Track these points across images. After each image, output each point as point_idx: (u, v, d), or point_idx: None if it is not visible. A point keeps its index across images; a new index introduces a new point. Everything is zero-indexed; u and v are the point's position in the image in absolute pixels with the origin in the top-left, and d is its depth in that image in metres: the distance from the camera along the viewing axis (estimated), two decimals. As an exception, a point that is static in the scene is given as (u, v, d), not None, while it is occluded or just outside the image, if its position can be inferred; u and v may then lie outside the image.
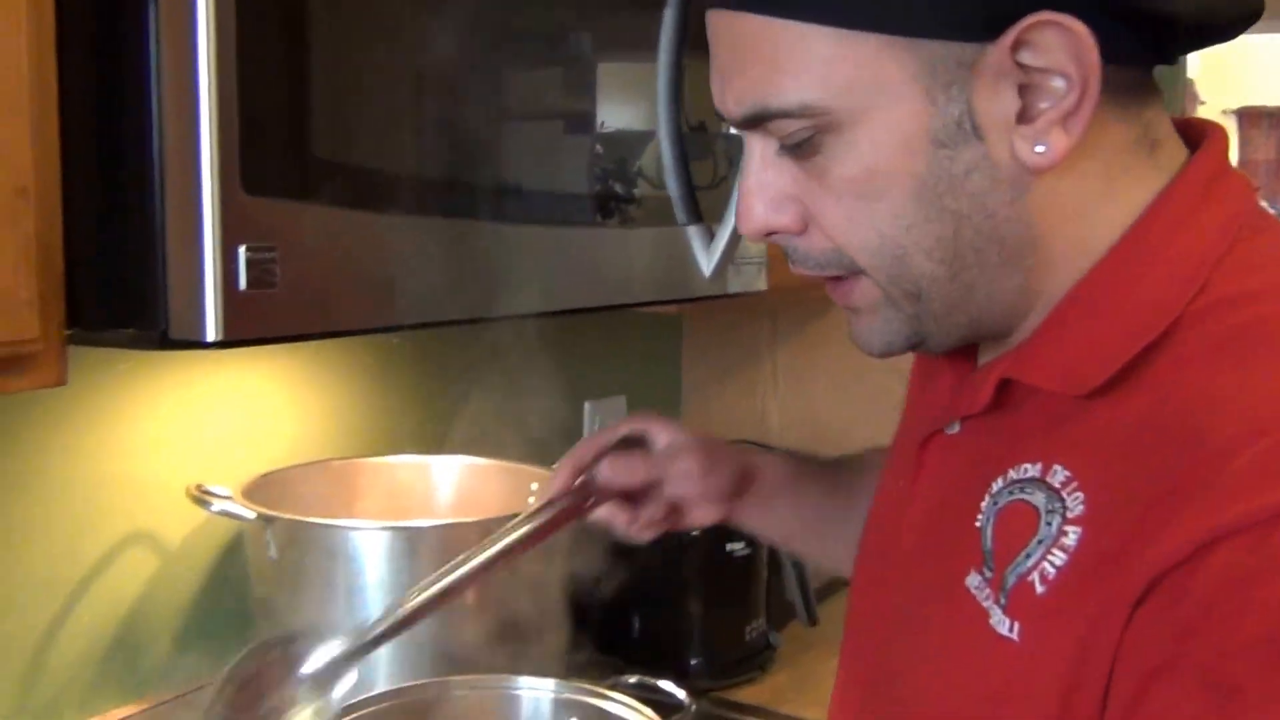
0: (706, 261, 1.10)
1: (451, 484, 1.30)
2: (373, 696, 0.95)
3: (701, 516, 0.90)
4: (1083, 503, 0.55)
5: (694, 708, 0.97)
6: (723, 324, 1.92)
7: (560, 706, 0.98)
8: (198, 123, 0.69)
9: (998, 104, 0.56)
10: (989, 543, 0.59)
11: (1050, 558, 0.55)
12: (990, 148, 0.57)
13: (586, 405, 1.70)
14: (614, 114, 1.04)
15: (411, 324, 0.87)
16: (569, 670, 1.07)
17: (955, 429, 0.66)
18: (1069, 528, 0.55)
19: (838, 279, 0.63)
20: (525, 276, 0.94)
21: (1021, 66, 0.55)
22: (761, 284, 1.18)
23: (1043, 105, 0.56)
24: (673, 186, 1.02)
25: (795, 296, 1.73)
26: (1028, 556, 0.56)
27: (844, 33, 0.55)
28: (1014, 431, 0.61)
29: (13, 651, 1.06)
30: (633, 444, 0.89)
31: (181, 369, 1.17)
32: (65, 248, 0.71)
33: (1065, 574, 0.54)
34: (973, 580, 0.59)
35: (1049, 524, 0.56)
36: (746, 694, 1.45)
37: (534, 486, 1.26)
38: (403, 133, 0.85)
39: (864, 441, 1.87)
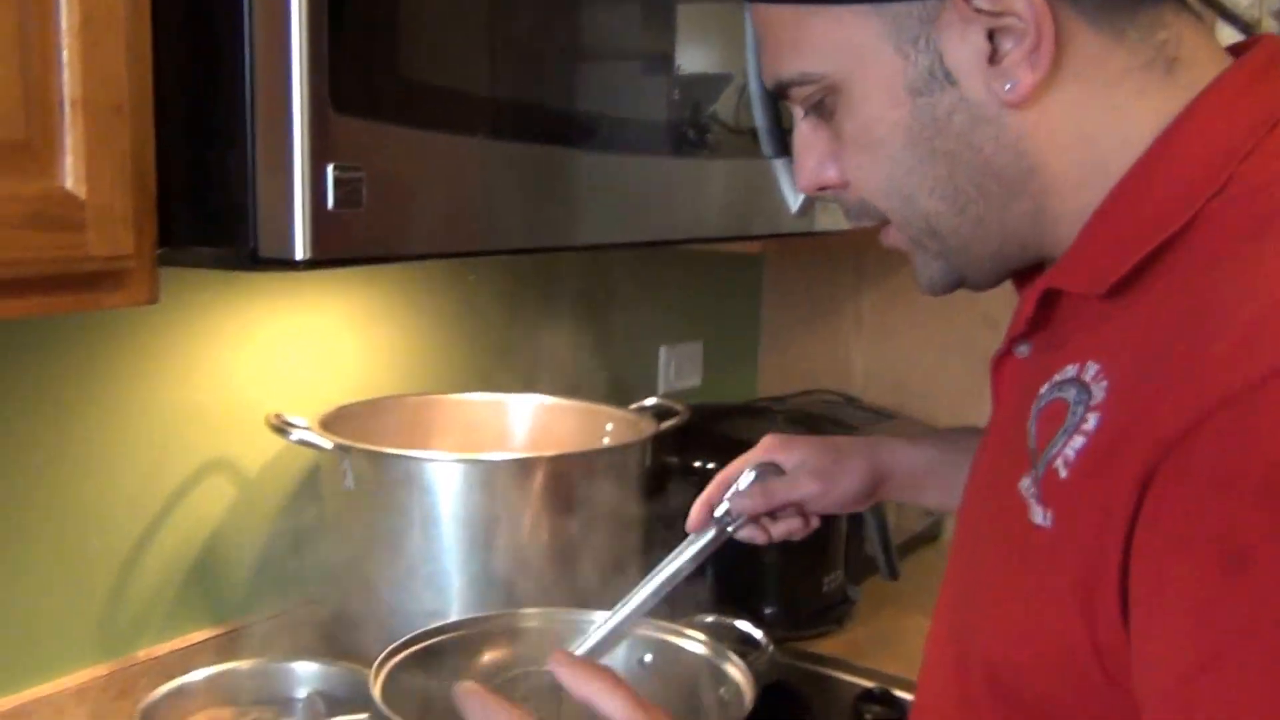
0: (793, 196, 1.08)
1: (526, 422, 1.30)
2: (447, 625, 0.96)
3: (830, 512, 0.96)
4: (1105, 390, 0.58)
5: (770, 649, 0.96)
6: (805, 268, 1.89)
7: (636, 642, 0.97)
8: (288, 40, 0.69)
9: (966, 49, 0.62)
10: (1033, 442, 0.62)
11: (1073, 443, 0.58)
12: (965, 90, 0.63)
13: (662, 350, 1.69)
14: (697, 46, 1.02)
15: (492, 250, 0.86)
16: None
17: (1024, 352, 0.70)
18: (1090, 414, 0.58)
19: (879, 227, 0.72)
20: (607, 206, 0.93)
21: (980, 12, 0.60)
22: (846, 222, 1.15)
23: (1008, 46, 0.61)
24: (760, 119, 1.00)
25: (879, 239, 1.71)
26: (1054, 445, 0.59)
27: (825, 8, 0.64)
28: (1059, 341, 0.65)
29: (100, 571, 1.08)
30: (767, 468, 0.94)
31: (262, 300, 1.18)
32: (158, 166, 0.71)
33: (1084, 456, 0.57)
34: (1023, 483, 0.62)
35: (1074, 413, 0.59)
36: (822, 646, 1.43)
37: (609, 427, 1.26)
38: (487, 57, 0.84)
39: (949, 394, 1.84)
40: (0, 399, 1.00)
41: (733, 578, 1.40)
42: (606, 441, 1.23)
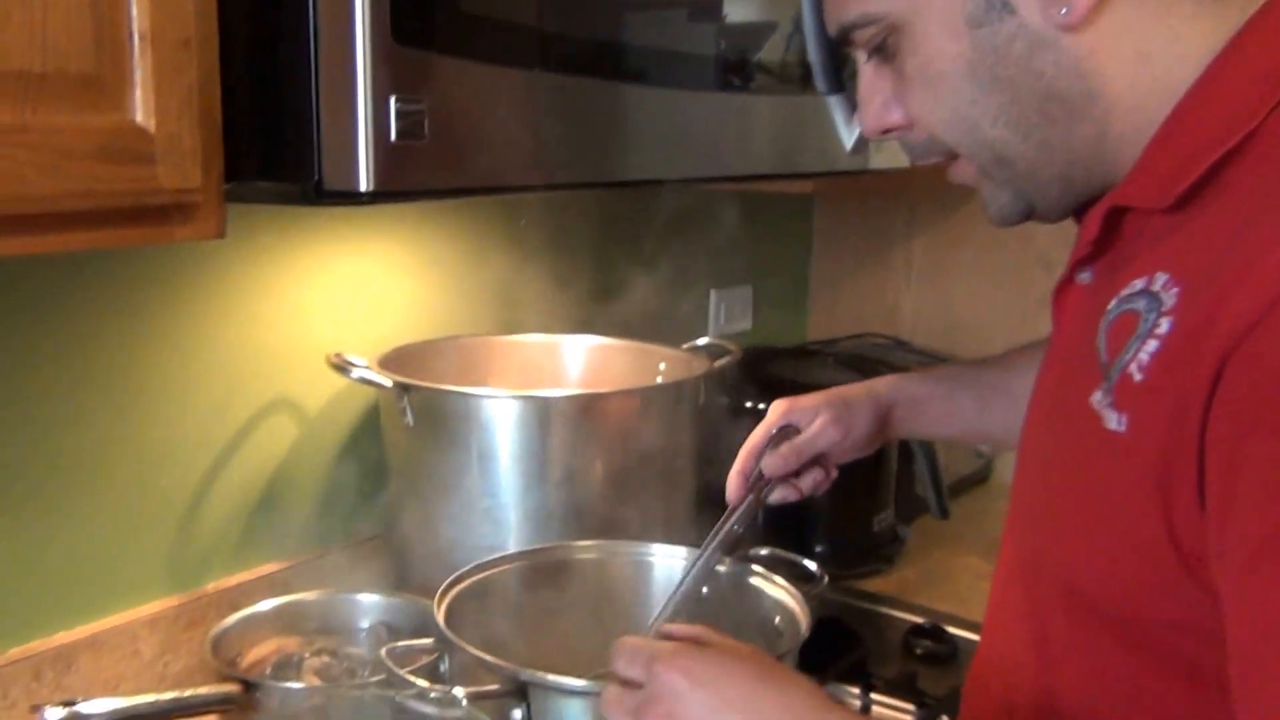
0: (848, 134, 1.08)
1: (580, 362, 1.31)
2: (508, 555, 0.98)
3: (848, 459, 1.01)
4: (1175, 296, 0.60)
5: (824, 580, 0.97)
6: (856, 211, 1.88)
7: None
8: (350, -29, 0.69)
9: None
10: (1103, 356, 0.64)
11: (1146, 348, 0.60)
12: (1023, 18, 0.65)
13: (712, 294, 1.70)
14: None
15: (547, 185, 0.87)
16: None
17: (1086, 279, 0.72)
18: (1162, 319, 0.60)
19: (947, 164, 0.74)
20: (658, 141, 0.93)
21: None
22: (904, 160, 1.15)
23: None
24: (815, 55, 0.99)
25: (935, 180, 1.69)
26: (1126, 352, 0.61)
27: None
28: (1126, 260, 0.66)
29: (170, 506, 1.11)
30: (785, 431, 0.99)
31: (322, 243, 1.20)
32: (224, 100, 0.72)
33: (1158, 358, 0.59)
34: (1094, 397, 0.64)
35: (1146, 320, 0.61)
36: (873, 585, 1.45)
37: (662, 366, 1.27)
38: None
39: (1002, 335, 1.83)
40: (75, 341, 1.02)
41: (784, 519, 1.41)
42: (660, 380, 1.24)
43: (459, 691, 0.72)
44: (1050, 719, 0.70)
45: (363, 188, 0.71)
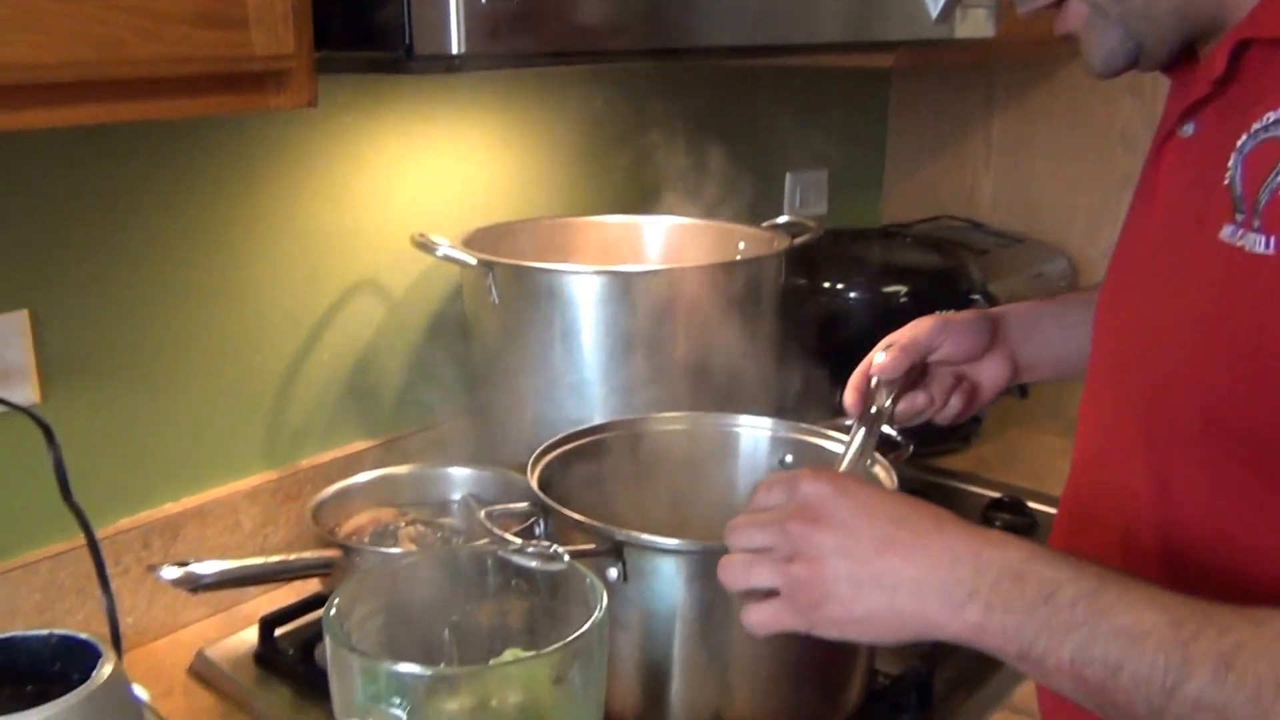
0: (934, 2, 1.05)
1: (659, 242, 1.31)
2: (597, 426, 0.99)
3: (989, 380, 0.99)
4: None
5: (910, 448, 0.97)
6: (934, 88, 1.84)
7: (776, 444, 1.00)
8: None
9: None
10: (1239, 189, 0.63)
11: None
12: None
13: (788, 176, 1.68)
14: None
15: (632, 50, 0.86)
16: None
17: (1189, 131, 0.71)
18: None
19: (1055, 9, 0.72)
20: (733, 7, 0.92)
21: None
22: (989, 30, 1.12)
23: None
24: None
25: (1016, 54, 1.65)
26: (1276, 174, 0.61)
27: None
28: (1253, 94, 0.65)
29: (264, 385, 1.14)
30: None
31: (403, 124, 1.20)
32: (313, -34, 0.73)
33: None
34: (1225, 231, 0.64)
35: None
36: (950, 463, 1.45)
37: (741, 245, 1.26)
38: None
39: (1082, 216, 1.79)
40: (169, 219, 1.04)
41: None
42: (739, 258, 1.24)
43: (561, 549, 0.74)
44: (1173, 548, 0.70)
45: (454, 50, 0.71)
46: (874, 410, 0.90)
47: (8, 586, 0.97)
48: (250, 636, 1.05)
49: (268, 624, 1.03)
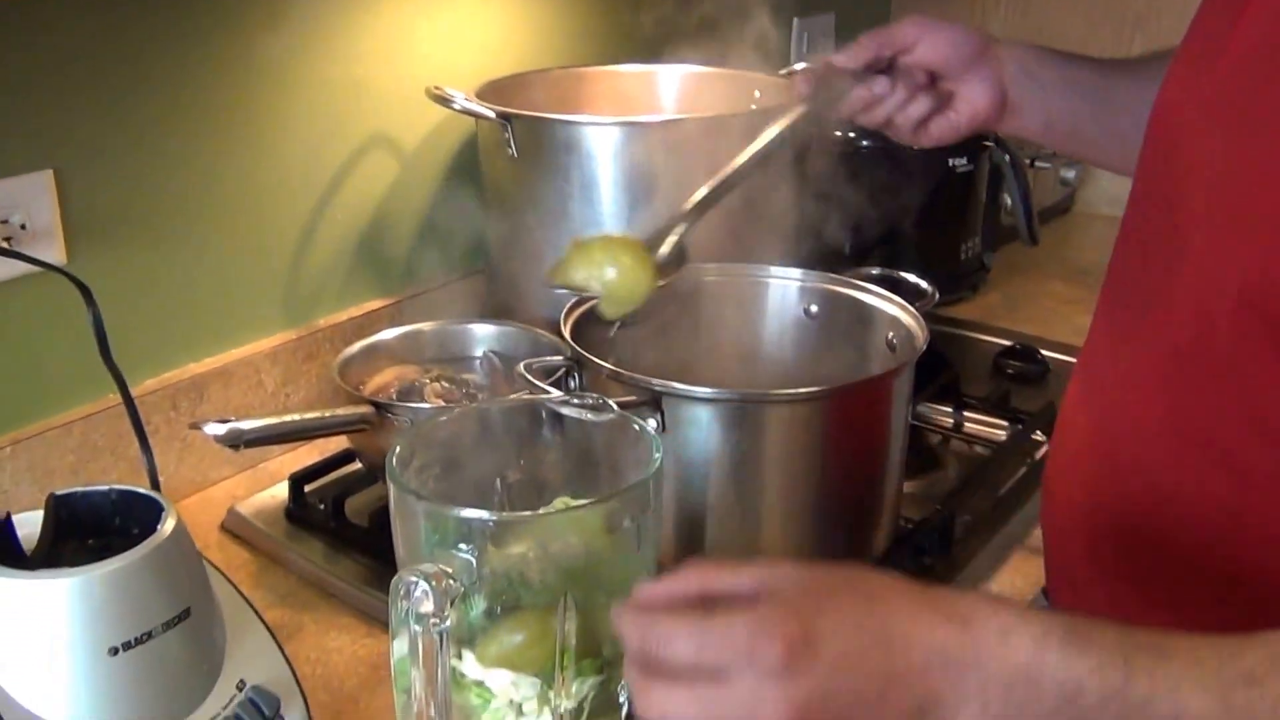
0: None
1: (674, 91, 1.29)
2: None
3: (970, 98, 0.88)
4: None
5: (936, 295, 0.98)
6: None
7: (802, 293, 1.01)
8: None
9: None
10: None
11: None
12: None
13: (795, 21, 1.65)
14: None
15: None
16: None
17: None
18: None
19: None
20: None
21: None
22: None
23: None
24: None
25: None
26: None
27: None
28: None
29: (281, 244, 1.14)
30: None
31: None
32: None
33: None
34: None
35: None
36: (960, 311, 1.46)
37: (757, 94, 1.25)
38: None
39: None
40: (183, 75, 1.02)
41: (872, 248, 1.42)
42: (754, 108, 1.22)
43: (609, 400, 0.75)
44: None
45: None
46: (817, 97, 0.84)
47: (43, 447, 0.97)
48: (277, 493, 1.06)
49: (297, 481, 1.05)
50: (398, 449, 0.68)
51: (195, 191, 1.05)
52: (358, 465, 1.07)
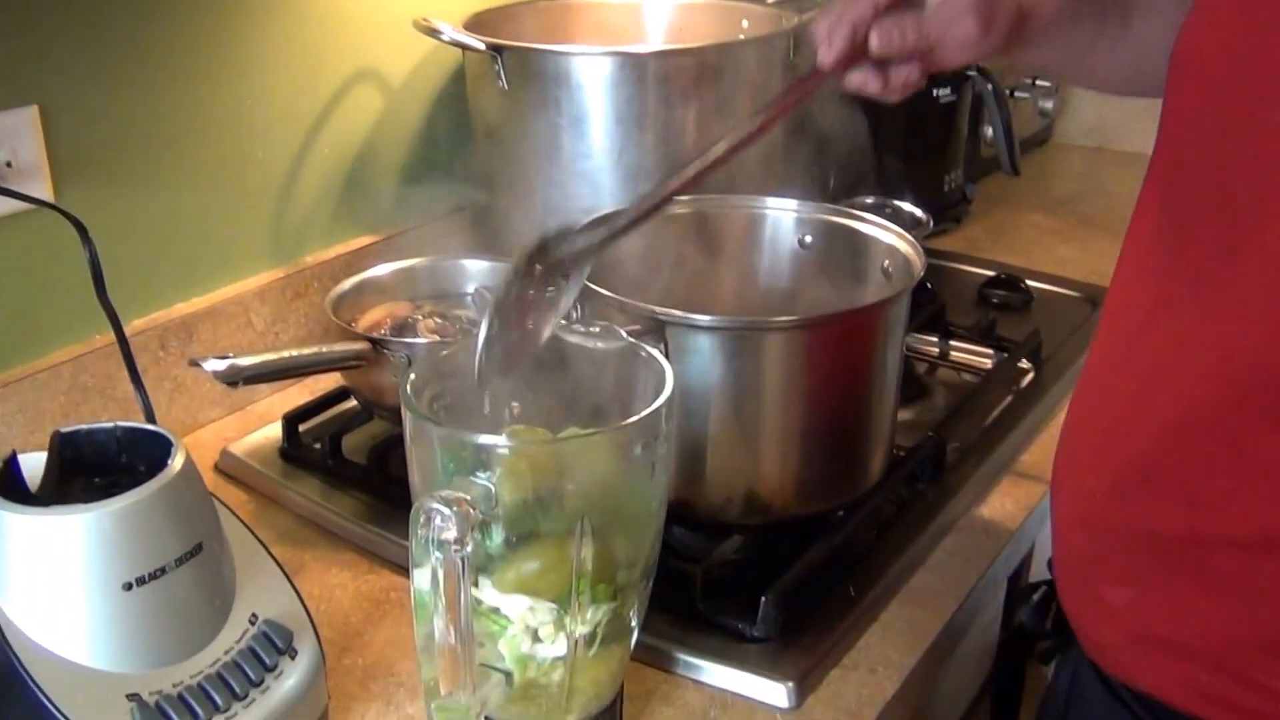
0: None
1: (662, 22, 1.28)
2: (620, 211, 0.98)
3: (955, 62, 0.78)
4: None
5: (930, 224, 0.98)
6: None
7: (796, 224, 1.00)
8: None
9: None
10: None
11: None
12: None
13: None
14: None
15: None
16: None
17: None
18: None
19: None
20: None
21: None
22: None
23: None
24: None
25: None
26: None
27: None
28: None
29: (267, 178, 1.12)
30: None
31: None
32: None
33: None
34: None
35: None
36: (943, 243, 1.47)
37: (745, 24, 1.24)
38: None
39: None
40: (162, 17, 1.00)
41: (856, 182, 1.42)
42: (742, 37, 1.21)
43: (619, 328, 0.75)
44: None
45: None
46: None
47: (34, 390, 0.96)
48: (269, 434, 1.06)
49: (291, 420, 1.04)
50: (411, 378, 0.68)
51: (180, 128, 1.03)
52: (349, 405, 1.07)
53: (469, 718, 0.62)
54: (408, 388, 0.67)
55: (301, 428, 1.05)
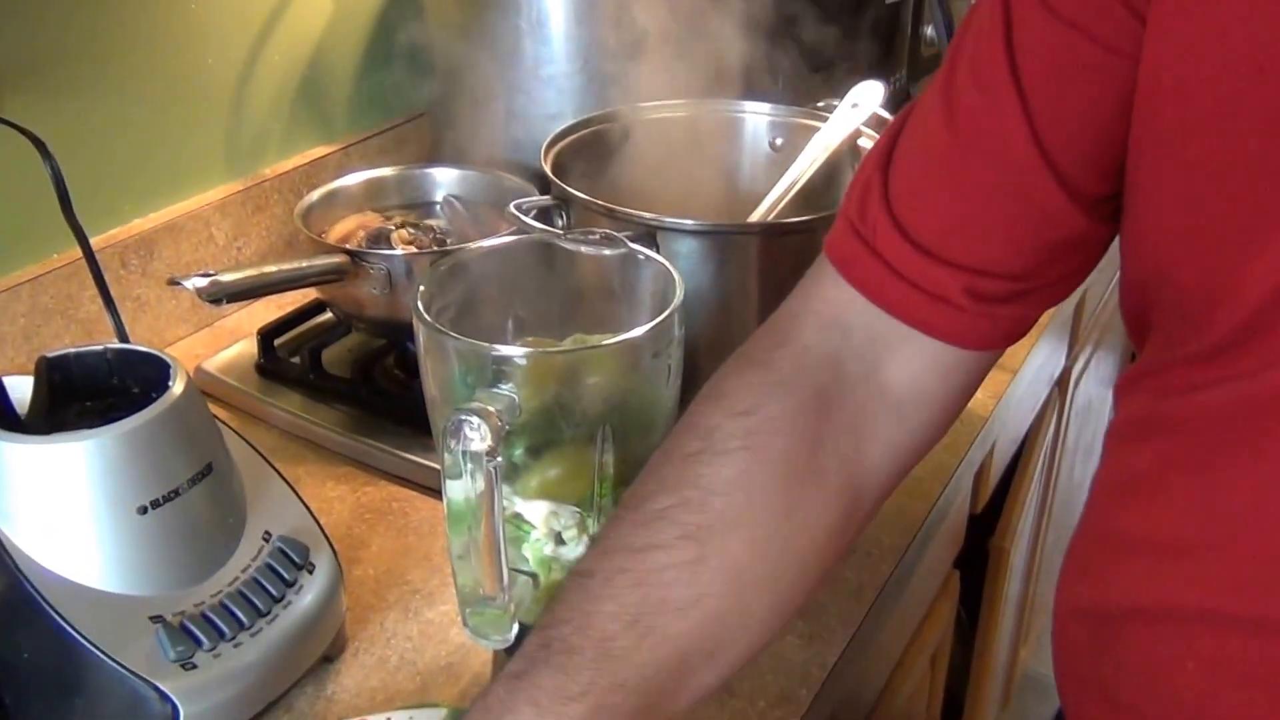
0: None
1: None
2: (596, 116, 0.98)
3: None
4: None
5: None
6: None
7: (768, 127, 1.01)
8: None
9: None
10: None
11: None
12: None
13: None
14: None
15: None
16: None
17: None
18: None
19: None
20: None
21: None
22: None
23: None
24: None
25: None
26: None
27: None
28: None
29: (219, 91, 1.09)
30: None
31: None
32: None
33: None
34: None
35: None
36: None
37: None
38: None
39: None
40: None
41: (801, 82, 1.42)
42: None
43: (620, 235, 0.74)
44: None
45: None
46: None
47: (-5, 313, 0.93)
48: (243, 350, 1.04)
49: (266, 336, 1.02)
50: (421, 289, 0.67)
51: (127, 36, 0.99)
52: (324, 318, 1.06)
53: (504, 619, 0.64)
54: (419, 301, 0.66)
55: (276, 343, 1.03)
